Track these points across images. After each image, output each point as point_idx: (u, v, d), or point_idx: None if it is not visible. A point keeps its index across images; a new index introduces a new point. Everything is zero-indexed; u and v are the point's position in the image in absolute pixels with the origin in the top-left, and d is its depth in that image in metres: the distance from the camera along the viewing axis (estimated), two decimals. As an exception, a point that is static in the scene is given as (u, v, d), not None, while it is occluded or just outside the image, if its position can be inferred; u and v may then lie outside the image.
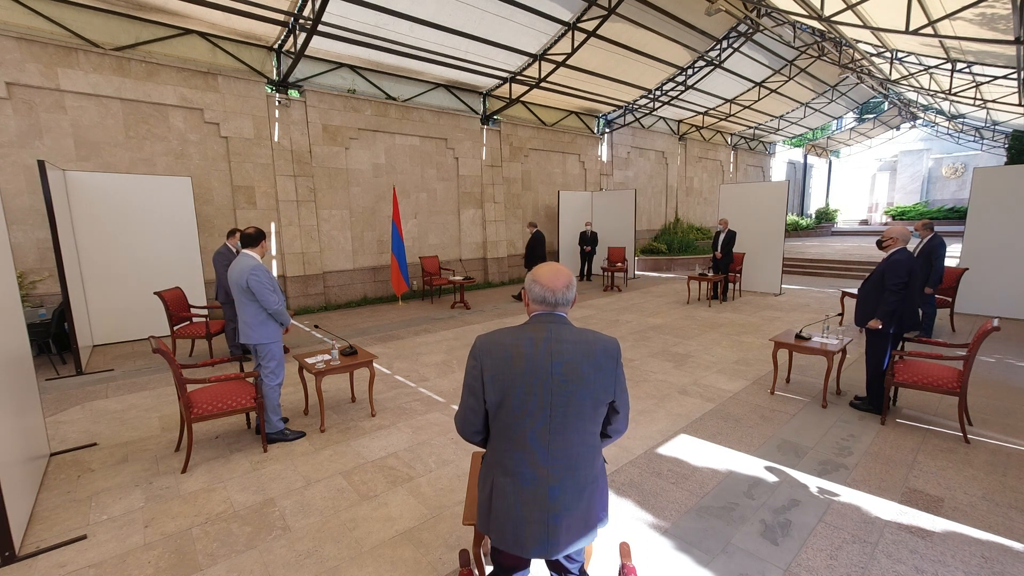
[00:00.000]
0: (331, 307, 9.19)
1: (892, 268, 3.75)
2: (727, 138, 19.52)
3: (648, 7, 8.93)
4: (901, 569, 2.31)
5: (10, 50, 5.99)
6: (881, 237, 3.98)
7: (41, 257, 6.41)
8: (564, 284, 1.55)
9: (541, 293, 1.55)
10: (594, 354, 1.50)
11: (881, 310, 3.75)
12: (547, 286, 1.54)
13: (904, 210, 25.62)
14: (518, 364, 1.47)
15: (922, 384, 3.68)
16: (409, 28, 7.99)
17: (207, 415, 3.33)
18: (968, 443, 3.53)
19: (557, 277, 1.55)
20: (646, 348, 6.15)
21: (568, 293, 1.56)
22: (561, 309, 1.57)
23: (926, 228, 6.08)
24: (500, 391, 1.49)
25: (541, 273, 1.57)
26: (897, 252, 3.80)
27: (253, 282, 3.42)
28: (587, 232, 11.94)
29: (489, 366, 1.50)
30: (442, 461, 3.41)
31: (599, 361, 1.49)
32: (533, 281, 1.57)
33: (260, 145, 8.11)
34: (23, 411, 3.05)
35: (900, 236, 3.83)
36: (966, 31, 6.97)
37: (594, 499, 1.56)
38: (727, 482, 3.09)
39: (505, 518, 1.52)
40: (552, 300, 1.55)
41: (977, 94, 12.18)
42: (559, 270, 1.58)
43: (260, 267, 3.51)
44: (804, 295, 9.76)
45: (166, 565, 2.42)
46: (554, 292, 1.54)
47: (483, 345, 1.54)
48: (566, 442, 1.50)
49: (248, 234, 3.61)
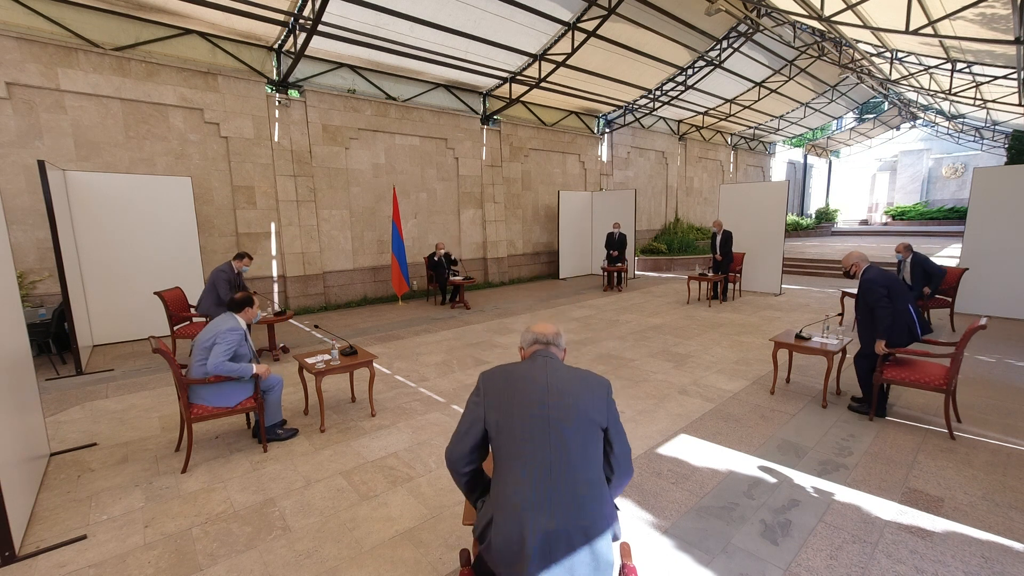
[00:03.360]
0: (331, 307, 9.19)
1: (867, 287, 3.84)
2: (727, 138, 19.52)
3: (648, 7, 8.93)
4: (901, 569, 2.31)
5: (10, 50, 5.99)
6: (843, 267, 4.17)
7: (41, 257, 6.41)
8: (554, 331, 1.80)
9: (534, 336, 1.78)
10: (586, 380, 1.65)
11: (879, 329, 3.79)
12: (539, 332, 1.79)
13: (904, 210, 25.63)
14: (518, 383, 1.61)
15: (910, 381, 3.72)
16: (409, 28, 7.99)
17: (207, 415, 3.33)
18: (954, 439, 3.58)
19: (548, 326, 1.82)
20: (646, 348, 6.15)
21: (559, 338, 1.79)
22: (554, 348, 1.76)
23: (907, 250, 6.34)
24: (500, 410, 1.57)
25: (533, 326, 1.83)
26: (865, 272, 3.93)
27: (219, 340, 3.29)
28: (615, 234, 10.62)
29: (491, 389, 1.63)
30: (442, 461, 3.41)
31: (591, 385, 1.64)
32: (527, 331, 1.82)
33: (260, 145, 8.11)
34: (23, 411, 3.05)
35: (859, 259, 4.02)
36: (966, 31, 6.97)
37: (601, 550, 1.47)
38: (727, 482, 3.09)
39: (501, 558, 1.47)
40: (544, 340, 1.77)
41: (977, 94, 12.18)
42: (549, 323, 1.86)
43: (237, 329, 3.40)
44: (804, 295, 9.76)
45: (166, 565, 2.42)
46: (545, 335, 1.78)
47: (486, 375, 1.69)
48: (572, 480, 1.46)
49: (235, 300, 3.55)
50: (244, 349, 3.47)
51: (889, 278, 3.82)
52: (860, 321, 4.04)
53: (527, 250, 12.89)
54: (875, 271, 3.87)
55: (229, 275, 5.68)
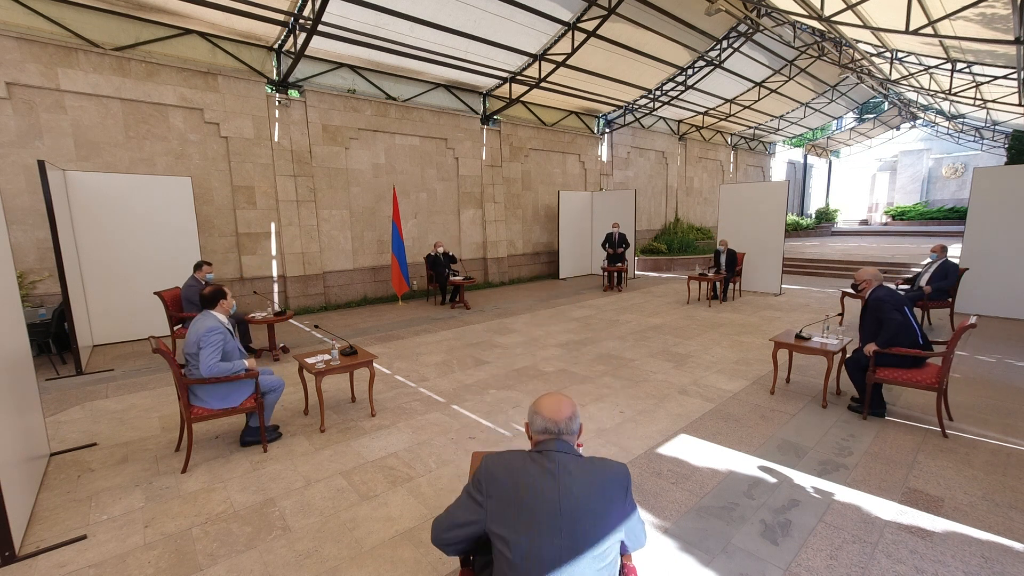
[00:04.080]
0: (331, 307, 9.19)
1: (878, 305, 3.87)
2: (727, 138, 19.52)
3: (648, 7, 8.93)
4: (901, 569, 2.31)
5: (10, 50, 5.99)
6: (855, 282, 4.18)
7: (41, 257, 6.41)
8: (567, 415, 1.51)
9: (543, 424, 1.51)
10: (605, 489, 1.43)
11: (881, 338, 3.82)
12: (550, 417, 1.50)
13: (904, 210, 25.62)
14: (526, 498, 1.39)
15: (903, 380, 3.75)
16: (409, 28, 7.99)
17: (207, 415, 3.33)
18: (946, 437, 3.61)
19: (560, 408, 1.51)
20: (646, 348, 6.15)
21: (572, 423, 1.51)
22: (566, 438, 1.51)
23: (943, 251, 6.54)
24: (506, 525, 1.40)
25: (543, 404, 1.53)
26: (875, 291, 3.95)
27: (203, 343, 3.25)
28: (614, 234, 10.72)
29: (493, 491, 1.43)
30: (442, 461, 3.41)
31: (610, 494, 1.43)
32: (535, 412, 1.53)
33: (260, 145, 8.11)
34: (23, 411, 3.05)
35: (873, 277, 4.01)
36: (966, 31, 6.97)
37: None
38: (727, 482, 3.09)
39: None
40: (555, 430, 1.50)
41: (977, 94, 12.18)
42: (561, 401, 1.53)
43: (217, 328, 3.34)
44: (804, 295, 9.76)
45: (166, 565, 2.42)
46: (557, 423, 1.50)
47: (489, 469, 1.47)
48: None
49: (204, 296, 3.46)
50: (230, 346, 3.43)
51: (898, 299, 3.86)
52: (865, 334, 4.06)
53: (527, 250, 12.89)
54: (885, 290, 3.93)
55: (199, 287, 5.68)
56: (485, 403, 4.45)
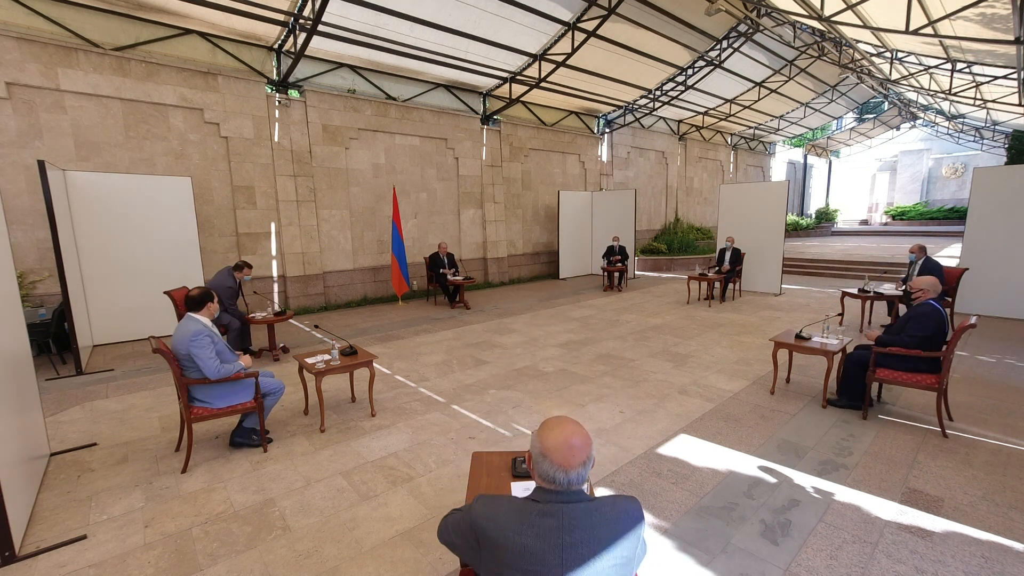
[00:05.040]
0: (331, 307, 9.19)
1: (919, 320, 3.71)
2: (727, 138, 19.52)
3: (648, 7, 8.93)
4: (901, 569, 2.31)
5: (10, 50, 5.99)
6: (909, 287, 3.95)
7: (41, 257, 6.41)
8: (581, 461, 1.23)
9: (552, 473, 1.23)
10: (617, 540, 1.24)
11: (892, 339, 3.76)
12: (560, 464, 1.22)
13: (904, 210, 25.63)
14: (521, 563, 1.20)
15: (902, 380, 3.75)
16: (409, 28, 7.99)
17: (207, 415, 3.33)
18: (946, 437, 3.61)
19: (572, 454, 1.23)
20: (646, 348, 6.15)
21: (584, 470, 1.25)
22: (576, 488, 1.26)
23: (921, 251, 6.62)
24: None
25: (552, 445, 1.24)
26: (924, 305, 3.74)
27: (194, 348, 3.23)
28: (615, 247, 10.69)
29: (488, 547, 1.25)
30: (442, 461, 3.41)
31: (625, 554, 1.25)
32: (542, 454, 1.25)
33: (260, 145, 8.11)
34: (23, 411, 3.05)
35: (930, 287, 3.76)
36: (966, 31, 6.97)
37: None
38: (727, 482, 3.09)
39: None
40: (564, 482, 1.24)
41: (977, 94, 12.17)
42: (573, 442, 1.24)
43: (202, 331, 3.31)
44: (804, 295, 9.76)
45: (166, 565, 2.42)
46: (567, 472, 1.23)
47: (481, 526, 1.27)
48: None
49: (192, 297, 3.41)
50: (221, 346, 3.42)
51: (940, 320, 3.68)
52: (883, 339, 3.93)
53: (527, 250, 12.89)
54: (933, 307, 3.72)
55: (234, 287, 5.73)
56: (485, 403, 4.45)
